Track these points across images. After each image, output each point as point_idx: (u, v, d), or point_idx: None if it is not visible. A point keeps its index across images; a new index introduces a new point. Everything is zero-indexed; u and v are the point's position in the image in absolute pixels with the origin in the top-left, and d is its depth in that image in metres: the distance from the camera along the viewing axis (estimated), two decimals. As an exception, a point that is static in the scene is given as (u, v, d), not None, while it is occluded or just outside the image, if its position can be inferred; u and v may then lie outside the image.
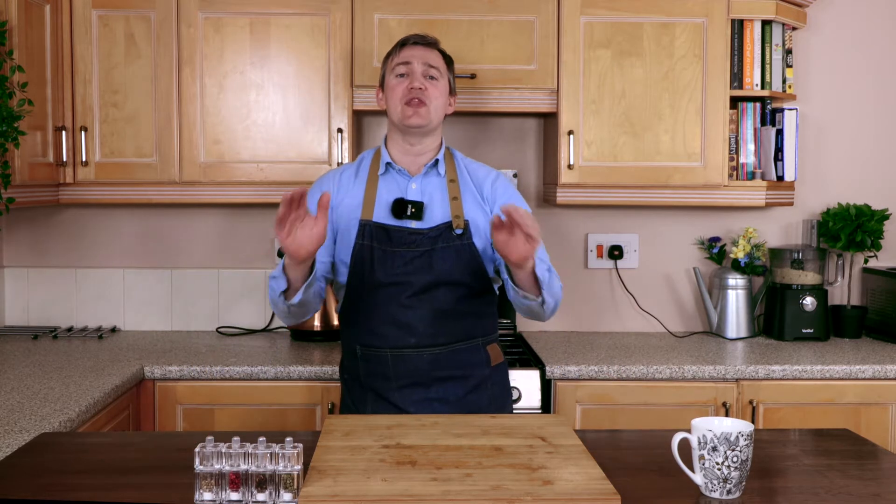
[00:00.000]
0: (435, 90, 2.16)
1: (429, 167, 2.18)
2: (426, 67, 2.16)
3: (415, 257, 2.11)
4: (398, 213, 2.13)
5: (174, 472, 1.58)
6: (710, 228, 3.34)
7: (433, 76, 2.16)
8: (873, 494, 1.48)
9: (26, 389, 2.32)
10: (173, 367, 2.66)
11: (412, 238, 2.12)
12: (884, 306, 3.19)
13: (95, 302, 3.26)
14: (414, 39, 2.20)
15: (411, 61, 2.16)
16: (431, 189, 2.18)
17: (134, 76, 2.88)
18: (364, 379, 2.17)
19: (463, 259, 2.12)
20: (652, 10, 2.92)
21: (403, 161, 2.20)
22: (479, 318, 2.20)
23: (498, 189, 2.20)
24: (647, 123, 2.94)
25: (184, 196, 2.93)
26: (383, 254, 2.11)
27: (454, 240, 2.12)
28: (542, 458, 1.55)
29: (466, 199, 2.17)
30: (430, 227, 2.13)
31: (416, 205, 2.13)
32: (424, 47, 2.18)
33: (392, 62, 2.19)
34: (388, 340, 2.12)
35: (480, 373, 2.18)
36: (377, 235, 2.12)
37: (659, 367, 2.71)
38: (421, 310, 2.11)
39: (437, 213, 2.15)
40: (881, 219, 3.14)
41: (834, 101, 3.35)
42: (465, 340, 2.16)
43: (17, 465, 1.62)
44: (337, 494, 1.37)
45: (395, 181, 2.18)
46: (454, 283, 2.12)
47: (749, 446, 1.44)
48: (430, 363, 2.12)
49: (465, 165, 2.24)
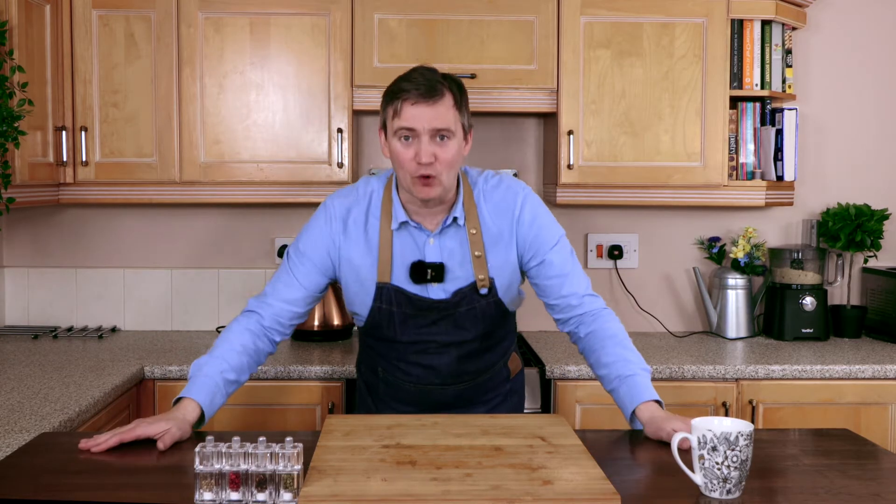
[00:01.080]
0: (446, 154, 1.88)
1: (447, 223, 1.99)
2: (434, 131, 1.87)
3: (438, 319, 2.00)
4: (417, 279, 1.97)
5: (174, 472, 1.58)
6: (710, 228, 3.34)
7: (444, 136, 1.88)
8: (873, 494, 1.48)
9: (26, 389, 2.32)
10: (173, 367, 2.66)
11: (435, 305, 1.99)
12: (883, 306, 3.19)
13: (95, 302, 3.26)
14: (415, 97, 1.86)
15: (416, 127, 1.86)
16: (451, 244, 1.99)
17: (134, 76, 2.88)
18: (384, 397, 2.14)
19: (488, 315, 2.02)
20: (652, 10, 2.92)
21: (418, 215, 1.99)
22: (502, 342, 2.14)
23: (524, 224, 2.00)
24: (647, 123, 2.95)
25: (184, 196, 2.93)
26: (404, 317, 2.00)
27: (479, 300, 2.00)
28: (542, 458, 1.55)
29: (490, 249, 1.99)
30: (454, 291, 1.98)
31: (436, 268, 1.97)
32: (429, 104, 1.86)
33: (394, 121, 1.89)
34: (412, 378, 2.07)
35: (503, 391, 2.17)
36: (397, 300, 1.99)
37: (659, 367, 2.71)
38: (446, 356, 2.04)
39: (458, 272, 1.99)
40: (881, 219, 3.14)
41: (834, 101, 3.35)
42: (489, 371, 2.12)
43: (17, 465, 1.62)
44: (337, 494, 1.37)
45: (411, 237, 1.99)
46: (480, 334, 2.05)
47: (749, 446, 1.44)
48: (455, 396, 2.09)
49: (484, 200, 2.01)
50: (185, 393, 1.82)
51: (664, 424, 1.76)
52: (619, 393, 1.89)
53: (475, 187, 2.02)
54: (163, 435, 1.69)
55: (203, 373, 1.86)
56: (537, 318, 3.21)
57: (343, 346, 2.98)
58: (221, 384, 1.86)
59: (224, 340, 1.95)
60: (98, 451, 1.66)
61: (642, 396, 1.84)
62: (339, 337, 3.06)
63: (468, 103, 1.97)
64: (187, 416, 1.77)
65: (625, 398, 1.87)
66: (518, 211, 2.00)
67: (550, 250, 2.01)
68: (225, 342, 1.94)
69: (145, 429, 1.70)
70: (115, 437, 1.68)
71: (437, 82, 1.88)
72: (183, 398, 1.81)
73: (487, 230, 2.00)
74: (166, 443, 1.68)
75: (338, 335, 3.06)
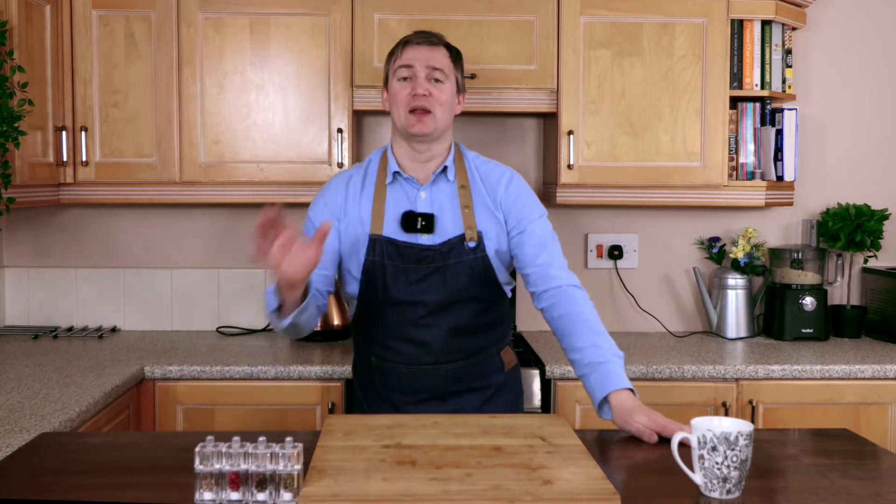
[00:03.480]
0: (440, 94, 2.05)
1: (437, 174, 2.10)
2: (430, 70, 2.05)
3: (427, 274, 2.05)
4: (408, 227, 2.05)
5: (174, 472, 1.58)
6: (710, 228, 3.34)
7: (438, 78, 2.05)
8: (873, 494, 1.48)
9: (26, 389, 2.32)
10: (173, 367, 2.66)
11: (424, 254, 2.05)
12: (883, 306, 3.19)
13: (95, 302, 3.26)
14: (416, 39, 2.08)
15: (413, 64, 2.05)
16: (441, 198, 2.09)
17: (134, 76, 2.88)
18: (381, 389, 2.15)
19: (477, 273, 2.07)
20: (652, 11, 2.92)
21: (411, 168, 2.11)
22: (494, 327, 2.17)
23: (511, 194, 2.11)
24: (647, 123, 2.95)
25: (184, 196, 2.93)
26: (395, 270, 2.05)
27: (467, 253, 2.06)
28: (541, 457, 1.55)
29: (478, 206, 2.09)
30: (442, 241, 2.06)
31: (427, 217, 2.05)
32: (428, 46, 2.07)
33: (394, 63, 2.08)
34: (404, 357, 2.09)
35: (496, 381, 2.17)
36: (388, 251, 2.05)
37: (659, 366, 2.71)
38: (437, 328, 2.07)
39: (448, 224, 2.07)
40: (881, 219, 3.14)
41: (834, 101, 3.35)
42: (480, 353, 2.14)
43: (17, 465, 1.62)
44: (337, 494, 1.37)
45: (403, 190, 2.10)
46: (469, 298, 2.08)
47: (749, 446, 1.44)
48: (447, 378, 2.10)
49: (476, 167, 2.14)
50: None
51: (630, 417, 1.78)
52: (589, 380, 1.90)
53: (466, 155, 2.16)
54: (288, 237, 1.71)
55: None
56: (537, 318, 3.21)
57: (343, 346, 2.98)
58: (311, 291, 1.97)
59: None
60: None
61: (612, 385, 1.85)
62: (339, 337, 3.06)
63: (462, 68, 2.15)
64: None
65: (594, 386, 1.87)
66: (506, 182, 2.13)
67: (532, 223, 2.09)
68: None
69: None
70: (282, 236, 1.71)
71: (435, 36, 2.11)
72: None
73: (476, 189, 2.11)
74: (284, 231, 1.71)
75: (338, 335, 3.06)
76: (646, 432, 1.76)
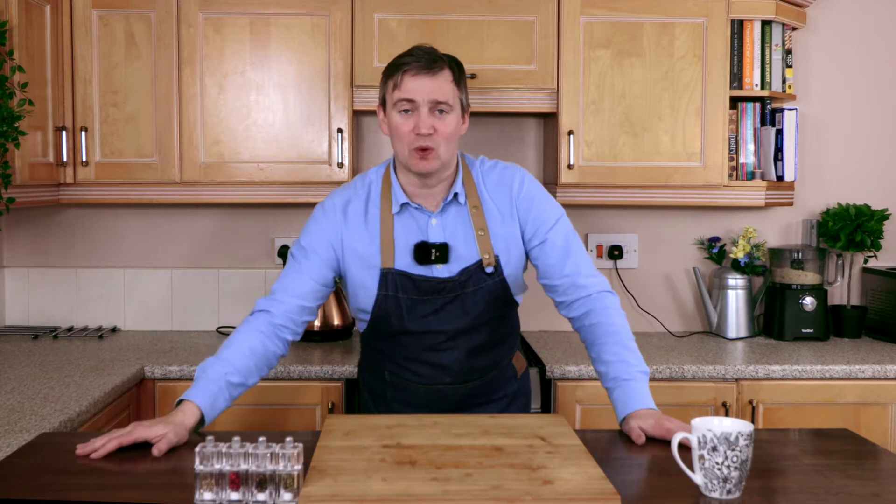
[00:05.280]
0: (445, 127, 1.90)
1: (448, 201, 1.99)
2: (434, 104, 1.90)
3: (445, 304, 1.97)
4: (421, 260, 1.95)
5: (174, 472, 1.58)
6: (710, 228, 3.34)
7: (442, 110, 1.91)
8: (873, 494, 1.48)
9: (26, 389, 2.32)
10: (173, 367, 2.66)
11: (441, 286, 1.97)
12: (883, 306, 3.19)
13: (95, 302, 3.26)
14: (415, 68, 1.89)
15: (415, 98, 1.89)
16: (454, 223, 1.99)
17: (134, 76, 2.88)
18: (392, 403, 2.10)
19: (495, 296, 2.00)
20: (652, 11, 2.92)
21: (419, 196, 1.99)
22: (506, 339, 2.12)
23: (524, 201, 2.00)
24: (647, 123, 2.95)
25: (184, 196, 2.93)
26: (411, 303, 1.97)
27: (485, 280, 1.98)
28: (542, 457, 1.55)
29: (493, 225, 1.99)
30: (459, 271, 1.97)
31: (440, 248, 1.96)
32: (430, 76, 1.89)
33: (393, 93, 1.91)
34: (423, 378, 2.05)
35: (511, 390, 2.15)
36: (402, 285, 1.96)
37: (659, 367, 2.71)
38: (456, 351, 2.01)
39: (462, 250, 1.97)
40: (881, 219, 3.14)
41: (834, 101, 3.35)
42: (496, 367, 2.10)
43: (17, 465, 1.62)
44: (337, 494, 1.37)
45: (412, 219, 1.99)
46: (487, 321, 2.03)
47: (749, 446, 1.44)
48: (465, 395, 2.07)
49: (484, 178, 2.02)
50: (187, 395, 1.80)
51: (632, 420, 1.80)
52: (613, 395, 1.90)
53: (473, 168, 2.04)
54: (160, 439, 1.67)
55: (207, 375, 1.83)
56: (537, 318, 3.21)
57: (343, 346, 2.98)
58: (225, 387, 1.84)
59: (232, 342, 1.91)
60: (97, 457, 1.63)
61: (635, 405, 1.84)
62: (339, 337, 3.06)
63: (466, 83, 1.99)
64: (186, 420, 1.74)
65: (618, 403, 1.88)
66: (517, 188, 2.01)
67: (551, 229, 2.00)
68: (233, 344, 1.91)
69: (143, 432, 1.68)
70: (114, 442, 1.66)
71: (436, 57, 1.92)
72: (184, 400, 1.79)
73: (488, 208, 2.00)
74: (161, 449, 1.65)
75: (338, 335, 3.06)
76: (635, 431, 1.77)
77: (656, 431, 1.75)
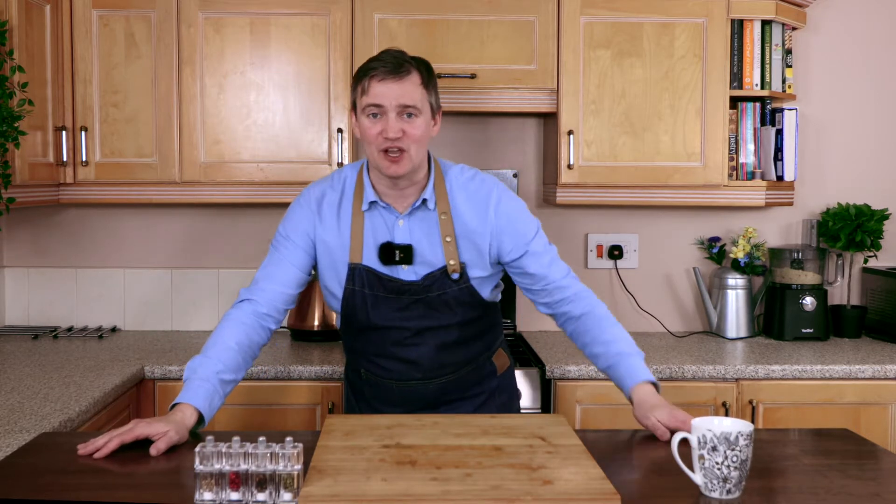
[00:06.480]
0: (414, 130, 1.92)
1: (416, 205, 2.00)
2: (401, 108, 1.91)
3: (410, 303, 2.01)
4: (386, 260, 1.99)
5: (174, 472, 1.58)
6: (710, 228, 3.34)
7: (411, 113, 1.92)
8: (873, 494, 1.48)
9: (26, 389, 2.32)
10: (173, 367, 2.66)
11: (405, 288, 2.00)
12: (883, 306, 3.19)
13: (95, 302, 3.26)
14: (382, 73, 1.90)
15: (383, 103, 1.90)
16: (421, 227, 2.00)
17: (134, 76, 2.88)
18: (371, 400, 2.14)
19: (462, 300, 2.03)
20: (652, 10, 2.92)
21: (389, 196, 2.01)
22: (484, 335, 2.13)
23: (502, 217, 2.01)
24: (647, 123, 2.95)
25: (184, 196, 2.93)
26: (376, 299, 2.01)
27: (451, 285, 2.01)
28: (541, 457, 1.55)
29: (461, 235, 2.01)
30: (424, 275, 2.00)
31: (405, 249, 1.98)
32: (397, 81, 1.90)
33: (362, 98, 1.93)
34: (393, 374, 2.07)
35: (489, 386, 2.16)
36: (368, 281, 2.00)
37: (659, 366, 2.71)
38: (424, 346, 2.04)
39: (428, 254, 2.00)
40: (881, 219, 3.14)
41: (834, 101, 3.35)
42: (471, 363, 2.11)
43: (17, 465, 1.62)
44: (337, 494, 1.37)
45: (381, 217, 2.01)
46: (456, 322, 2.04)
47: (749, 446, 1.44)
48: (438, 391, 2.09)
49: (458, 188, 2.03)
50: (182, 398, 1.79)
51: (650, 412, 1.81)
52: (618, 370, 1.94)
53: (447, 175, 2.04)
54: (161, 437, 1.67)
55: (198, 375, 1.83)
56: (537, 318, 3.21)
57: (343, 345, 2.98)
58: (218, 386, 1.84)
59: (218, 338, 1.91)
60: (100, 456, 1.64)
61: (640, 376, 1.90)
62: (339, 337, 3.06)
63: (436, 85, 2.01)
64: (186, 420, 1.75)
65: (624, 375, 1.92)
66: (494, 204, 2.02)
67: (531, 241, 2.04)
68: (219, 340, 1.91)
69: (144, 429, 1.69)
70: (115, 440, 1.66)
71: (404, 61, 1.93)
72: (179, 403, 1.79)
73: (459, 218, 2.01)
74: (160, 448, 1.65)
75: (338, 335, 3.06)
76: (659, 429, 1.77)
77: (671, 423, 1.77)
